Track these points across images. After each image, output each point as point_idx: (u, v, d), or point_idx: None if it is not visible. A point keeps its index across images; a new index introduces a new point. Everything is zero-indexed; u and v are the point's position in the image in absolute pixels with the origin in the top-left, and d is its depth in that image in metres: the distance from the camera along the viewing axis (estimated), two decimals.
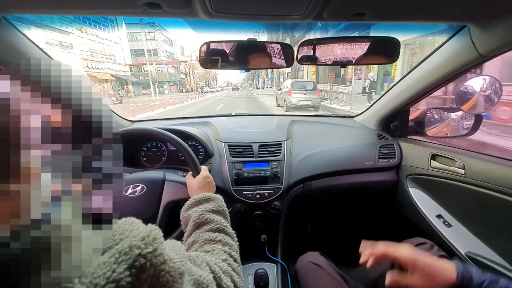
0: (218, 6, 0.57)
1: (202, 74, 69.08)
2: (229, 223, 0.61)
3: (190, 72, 55.91)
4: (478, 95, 0.91)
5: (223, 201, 0.65)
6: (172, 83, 44.80)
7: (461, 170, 0.90)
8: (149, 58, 30.10)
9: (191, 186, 0.71)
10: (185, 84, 53.77)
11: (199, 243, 0.53)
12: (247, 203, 1.08)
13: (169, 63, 43.14)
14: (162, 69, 40.34)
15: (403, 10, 0.62)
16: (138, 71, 35.92)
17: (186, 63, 52.67)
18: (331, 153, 1.20)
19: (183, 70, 52.59)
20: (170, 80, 42.57)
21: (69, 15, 0.66)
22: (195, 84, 59.04)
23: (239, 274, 0.49)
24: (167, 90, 39.64)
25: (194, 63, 55.63)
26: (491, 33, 0.68)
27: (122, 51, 32.71)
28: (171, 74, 43.51)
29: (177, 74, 47.09)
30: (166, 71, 41.12)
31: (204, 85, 60.76)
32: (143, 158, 1.14)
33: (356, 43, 0.84)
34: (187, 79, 55.19)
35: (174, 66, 46.11)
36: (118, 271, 0.24)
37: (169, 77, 41.83)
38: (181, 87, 50.71)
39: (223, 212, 0.62)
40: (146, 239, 0.28)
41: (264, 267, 1.10)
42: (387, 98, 1.21)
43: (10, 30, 0.72)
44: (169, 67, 43.25)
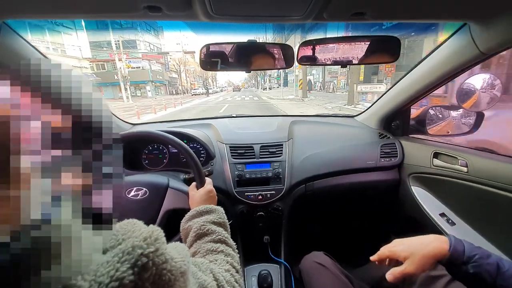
0: (218, 8, 0.57)
1: (198, 73, 60.89)
2: (229, 234, 0.61)
3: (181, 69, 45.32)
4: (479, 92, 0.91)
5: (224, 213, 0.65)
6: (159, 83, 36.20)
7: (464, 168, 0.90)
8: (119, 50, 20.68)
9: (193, 198, 0.71)
10: (175, 84, 44.46)
11: (201, 254, 0.53)
12: (249, 204, 1.08)
13: (146, 56, 32.28)
14: (144, 66, 31.31)
15: (403, 9, 0.62)
16: (113, 69, 25.49)
17: (169, 55, 39.38)
18: (333, 153, 1.20)
19: (173, 68, 41.65)
20: (155, 80, 33.64)
21: (69, 19, 0.66)
22: (191, 85, 50.91)
23: (240, 286, 0.50)
24: (150, 92, 30.77)
25: (187, 59, 46.56)
26: (492, 31, 0.68)
27: (78, 39, 23.77)
28: (156, 72, 34.04)
29: (165, 72, 37.48)
30: (148, 69, 31.72)
31: (203, 85, 51.88)
32: (144, 161, 1.14)
33: (356, 43, 0.84)
34: (180, 79, 45.56)
35: (162, 63, 36.52)
36: (121, 270, 0.25)
37: (152, 76, 32.32)
38: (172, 88, 41.94)
39: (224, 224, 0.62)
40: (148, 239, 0.29)
41: (268, 268, 1.10)
42: (388, 97, 1.21)
43: (10, 35, 0.72)
44: (152, 63, 33.34)
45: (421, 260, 0.60)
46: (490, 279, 0.55)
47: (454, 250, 0.58)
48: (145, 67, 32.00)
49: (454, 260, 0.58)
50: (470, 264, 0.57)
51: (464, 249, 0.58)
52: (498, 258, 0.57)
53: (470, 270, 0.56)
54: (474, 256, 0.57)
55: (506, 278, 0.54)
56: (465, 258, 0.57)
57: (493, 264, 0.56)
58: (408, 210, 1.15)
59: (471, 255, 0.57)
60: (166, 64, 37.40)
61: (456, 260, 0.58)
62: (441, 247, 0.59)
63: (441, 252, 0.59)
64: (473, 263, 0.56)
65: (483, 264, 0.56)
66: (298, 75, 16.40)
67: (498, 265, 0.56)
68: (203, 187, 0.73)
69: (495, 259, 0.57)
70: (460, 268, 0.58)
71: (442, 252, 0.59)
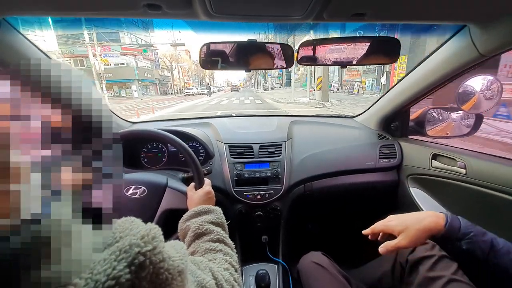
0: (218, 7, 0.57)
1: (194, 71, 57.79)
2: (227, 234, 0.61)
3: (174, 66, 40.80)
4: (479, 94, 0.91)
5: (222, 213, 0.65)
6: (148, 82, 32.75)
7: (463, 169, 0.90)
8: (93, 43, 16.15)
9: (191, 198, 0.71)
10: (167, 83, 40.36)
11: (199, 253, 0.53)
12: (248, 204, 1.08)
13: (130, 50, 27.75)
14: (129, 62, 27.46)
15: (403, 10, 0.62)
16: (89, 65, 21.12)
17: (154, 48, 34.65)
18: (332, 154, 1.20)
19: (164, 65, 38.46)
20: (142, 78, 29.98)
21: (69, 16, 0.66)
22: (185, 84, 47.01)
23: (239, 285, 0.50)
24: (137, 92, 24.40)
25: (179, 55, 41.86)
26: (492, 33, 0.68)
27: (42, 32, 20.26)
28: (144, 69, 30.49)
29: (154, 70, 33.76)
30: (134, 65, 28.12)
31: (199, 84, 49.41)
32: (143, 159, 1.14)
33: (356, 43, 0.84)
34: (172, 77, 41.10)
35: (151, 59, 32.70)
36: (118, 269, 0.25)
37: (139, 74, 28.55)
38: (164, 88, 38.48)
39: (222, 224, 0.62)
40: (146, 237, 0.29)
41: (266, 268, 1.10)
42: (387, 98, 1.21)
43: (10, 31, 0.72)
44: (138, 59, 29.56)
45: (415, 234, 0.60)
46: (482, 256, 0.56)
47: (450, 226, 0.58)
48: (131, 64, 28.35)
49: (449, 236, 0.58)
50: (464, 241, 0.57)
51: (460, 226, 0.58)
52: (493, 237, 0.58)
53: (463, 246, 0.57)
54: (469, 233, 0.57)
55: (499, 256, 0.55)
56: (460, 234, 0.58)
57: (487, 241, 0.57)
58: (407, 211, 1.14)
59: (467, 231, 0.58)
60: (156, 61, 33.68)
61: (451, 236, 0.58)
62: (437, 222, 0.59)
63: (436, 227, 0.59)
64: (467, 240, 0.57)
65: (478, 241, 0.57)
66: (303, 73, 13.15)
67: (492, 243, 0.57)
68: (202, 188, 0.73)
69: (490, 236, 0.58)
70: (454, 244, 0.58)
71: (438, 227, 0.59)
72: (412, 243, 0.60)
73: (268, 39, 19.74)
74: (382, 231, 0.66)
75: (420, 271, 0.70)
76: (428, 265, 0.70)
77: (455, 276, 0.65)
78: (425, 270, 0.69)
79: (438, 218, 0.60)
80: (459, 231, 0.57)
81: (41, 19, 19.68)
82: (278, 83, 33.84)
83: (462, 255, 0.58)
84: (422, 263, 0.71)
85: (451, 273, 0.65)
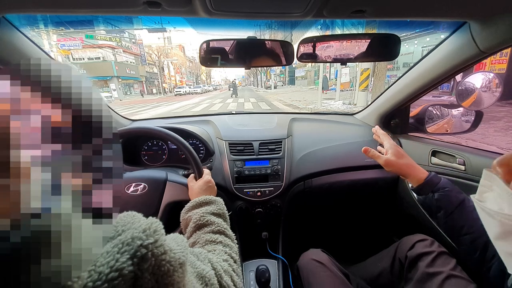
0: (218, 4, 0.57)
1: (188, 68, 52.86)
2: (229, 225, 0.62)
3: (164, 62, 36.13)
4: (479, 91, 0.91)
5: (224, 204, 0.66)
6: (132, 80, 28.71)
7: (462, 166, 0.90)
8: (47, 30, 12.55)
9: (192, 189, 0.72)
10: (154, 81, 35.80)
11: (200, 244, 0.54)
12: (248, 201, 1.09)
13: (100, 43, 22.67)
14: (106, 56, 23.15)
15: (403, 6, 0.62)
16: (69, 60, 18.66)
17: (125, 37, 28.62)
18: (332, 151, 1.20)
19: (150, 60, 33.86)
20: (122, 76, 25.68)
21: (69, 14, 0.66)
22: (178, 82, 41.71)
23: (238, 275, 0.51)
24: (116, 91, 22.64)
25: (168, 51, 36.32)
26: (492, 30, 0.68)
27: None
28: (125, 65, 26.23)
29: (140, 65, 29.47)
30: (111, 60, 24.02)
31: (195, 82, 44.56)
32: (144, 157, 1.15)
33: (356, 40, 0.84)
34: (160, 74, 36.48)
35: (136, 54, 28.52)
36: (121, 261, 0.26)
37: (119, 70, 24.38)
38: (152, 87, 34.41)
39: (223, 215, 0.63)
40: (148, 230, 0.29)
41: (266, 263, 1.11)
42: (387, 95, 1.21)
43: (10, 29, 0.72)
44: (118, 52, 25.36)
45: (397, 163, 0.72)
46: (450, 208, 0.61)
47: (429, 180, 0.66)
48: (108, 58, 24.09)
49: (423, 187, 0.66)
50: (437, 192, 0.63)
51: (440, 182, 0.65)
52: (468, 198, 0.62)
53: (435, 196, 0.63)
54: (445, 188, 0.63)
55: (465, 212, 0.59)
56: (436, 188, 0.64)
57: (459, 198, 0.61)
58: (406, 207, 1.15)
59: (443, 186, 0.64)
60: (141, 55, 29.32)
61: (425, 187, 0.66)
62: (420, 176, 0.68)
63: (416, 177, 0.69)
64: (441, 192, 0.63)
65: (450, 195, 0.62)
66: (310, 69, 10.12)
67: (463, 200, 0.61)
68: (202, 178, 0.74)
69: (464, 196, 0.62)
70: (427, 194, 0.65)
71: (417, 178, 0.68)
72: (389, 165, 0.73)
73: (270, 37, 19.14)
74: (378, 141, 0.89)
75: (419, 267, 0.71)
76: (427, 261, 0.70)
77: (453, 271, 0.66)
78: (424, 266, 0.70)
79: (423, 174, 0.69)
80: (436, 186, 0.64)
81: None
82: (280, 80, 32.47)
83: (428, 204, 0.65)
84: (421, 259, 0.72)
85: (450, 269, 0.66)
